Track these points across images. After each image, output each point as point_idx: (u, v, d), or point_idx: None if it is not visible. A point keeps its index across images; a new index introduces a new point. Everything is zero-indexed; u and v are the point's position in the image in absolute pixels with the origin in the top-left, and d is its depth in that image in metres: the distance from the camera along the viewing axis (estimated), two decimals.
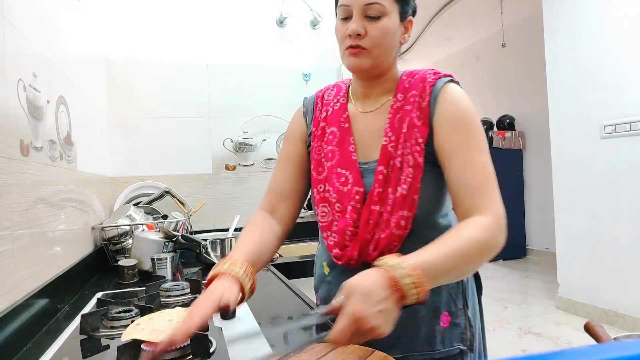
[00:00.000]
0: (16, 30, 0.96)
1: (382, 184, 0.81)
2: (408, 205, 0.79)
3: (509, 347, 2.83)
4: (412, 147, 0.80)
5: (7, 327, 0.79)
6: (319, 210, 0.88)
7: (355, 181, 0.83)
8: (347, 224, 0.82)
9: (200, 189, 2.17)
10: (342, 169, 0.86)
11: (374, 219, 0.80)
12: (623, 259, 3.01)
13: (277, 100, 2.29)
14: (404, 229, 0.79)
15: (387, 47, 0.83)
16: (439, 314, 0.84)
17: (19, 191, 0.92)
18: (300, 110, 0.98)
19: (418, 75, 0.86)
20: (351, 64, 0.84)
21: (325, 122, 0.91)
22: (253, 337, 0.83)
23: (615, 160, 3.03)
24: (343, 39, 0.83)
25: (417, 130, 0.81)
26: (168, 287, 1.10)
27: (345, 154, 0.86)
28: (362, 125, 0.88)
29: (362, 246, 0.81)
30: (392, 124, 0.83)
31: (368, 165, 0.84)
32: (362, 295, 0.59)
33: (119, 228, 1.62)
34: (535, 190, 5.57)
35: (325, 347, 0.67)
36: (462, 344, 0.85)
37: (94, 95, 1.81)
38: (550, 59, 3.50)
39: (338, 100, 0.92)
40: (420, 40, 6.26)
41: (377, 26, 0.80)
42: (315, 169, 0.90)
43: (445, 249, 0.68)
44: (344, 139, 0.88)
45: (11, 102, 0.90)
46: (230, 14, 2.26)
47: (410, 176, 0.79)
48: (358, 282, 0.61)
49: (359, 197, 0.82)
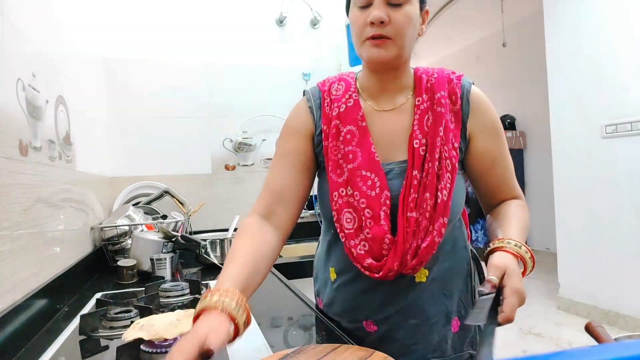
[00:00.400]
0: (15, 30, 0.96)
1: (418, 189, 0.76)
2: (448, 211, 0.77)
3: (509, 347, 2.82)
4: (450, 151, 0.78)
5: (6, 327, 0.79)
6: (343, 217, 0.79)
7: (383, 185, 0.78)
8: (384, 231, 0.76)
9: (199, 189, 2.17)
10: (366, 171, 0.79)
11: (411, 226, 0.75)
12: (624, 259, 3.00)
13: (277, 100, 2.28)
14: (442, 235, 0.77)
15: (410, 37, 0.78)
16: (450, 319, 0.84)
17: (18, 191, 0.92)
18: (304, 104, 0.89)
19: (435, 73, 0.83)
20: (374, 55, 0.76)
21: (338, 120, 0.83)
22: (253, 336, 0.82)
23: (616, 160, 3.03)
24: (362, 28, 0.76)
25: (452, 134, 0.79)
26: (167, 288, 1.10)
27: (368, 155, 0.80)
28: (381, 124, 0.83)
29: (403, 255, 0.76)
30: (421, 125, 0.79)
31: (392, 166, 0.80)
32: (516, 274, 0.68)
33: (118, 228, 1.62)
34: (535, 190, 5.57)
35: (326, 348, 0.67)
36: (472, 348, 0.86)
37: (93, 95, 1.80)
38: (551, 59, 3.50)
39: (350, 96, 0.84)
40: (421, 39, 6.23)
41: (401, 13, 0.74)
42: (333, 170, 0.81)
43: (521, 224, 0.78)
44: (363, 138, 0.81)
45: (10, 102, 0.90)
46: (230, 14, 2.26)
47: (449, 181, 0.77)
48: (507, 263, 0.69)
49: (389, 202, 0.77)
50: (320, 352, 0.66)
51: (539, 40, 3.89)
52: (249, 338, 0.82)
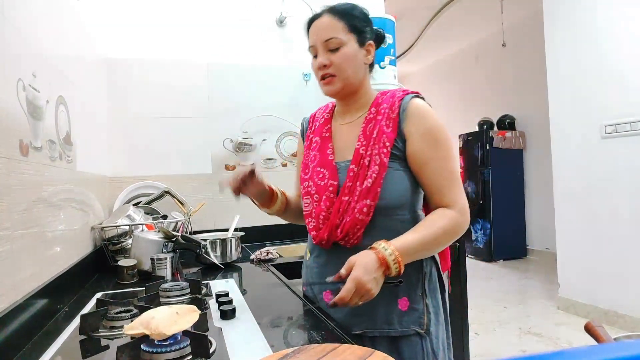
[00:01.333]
0: (16, 30, 0.96)
1: (352, 179, 0.98)
2: (371, 195, 0.95)
3: (509, 347, 2.83)
4: (380, 149, 0.97)
5: (6, 327, 0.79)
6: (304, 202, 1.08)
7: (330, 177, 1.02)
8: (321, 210, 1.01)
9: (200, 189, 2.17)
10: (321, 167, 1.04)
11: (343, 207, 0.98)
12: (623, 259, 3.01)
13: (277, 100, 2.29)
14: (366, 215, 0.95)
15: (352, 70, 1.01)
16: (397, 297, 0.98)
17: (19, 191, 0.92)
18: (299, 129, 1.24)
19: (389, 93, 1.03)
20: (326, 90, 1.04)
21: (312, 134, 1.13)
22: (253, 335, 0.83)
23: (616, 160, 3.03)
24: (317, 73, 1.03)
25: (385, 136, 0.97)
26: (168, 287, 1.10)
27: (324, 156, 1.05)
28: (340, 134, 1.08)
29: (332, 229, 0.99)
30: (364, 132, 1.01)
31: (343, 164, 1.02)
32: (362, 266, 0.84)
33: (119, 228, 1.62)
34: (535, 190, 5.57)
35: (326, 347, 0.67)
36: (418, 327, 0.98)
37: (93, 95, 1.80)
38: (551, 59, 3.50)
39: (323, 115, 1.14)
40: (421, 40, 6.27)
41: (337, 56, 0.99)
42: (303, 170, 1.11)
43: (420, 234, 0.91)
44: (324, 145, 1.08)
45: (11, 102, 0.90)
46: (230, 14, 2.26)
47: (376, 172, 0.95)
48: (358, 258, 0.85)
49: (332, 189, 1.01)
50: (320, 351, 0.66)
51: (538, 40, 3.89)
52: (249, 338, 0.82)
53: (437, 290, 1.04)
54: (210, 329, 0.84)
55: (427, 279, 1.02)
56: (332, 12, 1.01)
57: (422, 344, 0.98)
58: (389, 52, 2.00)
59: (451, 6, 5.17)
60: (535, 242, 5.65)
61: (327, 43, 0.99)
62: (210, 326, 0.86)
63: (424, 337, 0.98)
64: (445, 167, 0.96)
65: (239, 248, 1.68)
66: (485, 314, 3.58)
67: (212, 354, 0.73)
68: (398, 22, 2.13)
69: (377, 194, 0.95)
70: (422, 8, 5.26)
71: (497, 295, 4.09)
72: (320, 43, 1.00)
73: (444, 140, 0.97)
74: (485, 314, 3.58)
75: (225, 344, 0.78)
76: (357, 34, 1.01)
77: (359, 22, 1.02)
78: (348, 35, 0.99)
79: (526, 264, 5.43)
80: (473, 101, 6.66)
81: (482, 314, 3.56)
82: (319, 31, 1.01)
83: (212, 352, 0.74)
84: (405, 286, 0.98)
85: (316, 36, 1.01)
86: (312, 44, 1.02)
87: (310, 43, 1.03)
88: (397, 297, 0.98)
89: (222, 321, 0.91)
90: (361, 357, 0.64)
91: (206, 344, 0.72)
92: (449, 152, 0.98)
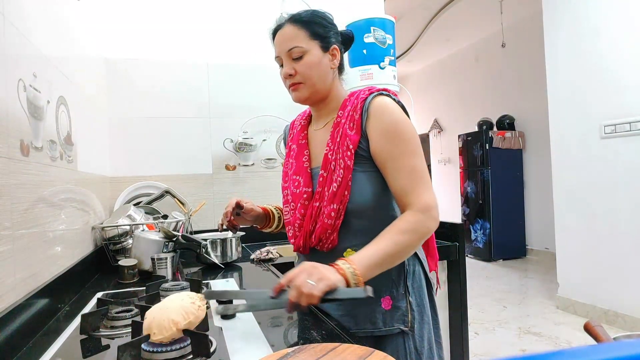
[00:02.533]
0: (16, 30, 0.96)
1: (322, 184, 0.99)
2: (338, 199, 0.95)
3: (508, 347, 2.83)
4: (344, 152, 0.96)
5: (7, 327, 0.79)
6: (284, 210, 1.10)
7: (304, 184, 1.03)
8: (296, 218, 1.03)
9: (200, 189, 2.17)
10: (296, 175, 1.06)
11: (315, 213, 0.99)
12: (623, 258, 3.01)
13: (277, 100, 2.29)
14: (335, 219, 0.96)
15: (318, 76, 1.00)
16: (380, 296, 0.97)
17: (19, 191, 0.92)
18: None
19: (356, 93, 1.01)
20: (294, 97, 1.04)
21: (291, 142, 1.14)
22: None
23: (615, 160, 3.03)
24: (284, 82, 1.04)
25: (349, 139, 0.96)
26: (168, 287, 1.10)
27: (300, 163, 1.06)
28: (315, 140, 1.08)
29: (306, 235, 1.01)
30: (332, 136, 1.00)
31: (316, 170, 1.02)
32: (301, 270, 0.80)
33: (119, 228, 1.62)
34: (535, 190, 5.58)
35: (326, 347, 0.67)
36: (402, 325, 0.98)
37: (94, 95, 1.81)
38: (550, 59, 3.51)
39: (300, 122, 1.15)
40: (420, 40, 6.27)
41: (301, 64, 0.99)
42: (283, 178, 1.13)
43: (379, 245, 0.87)
44: (300, 152, 1.08)
45: (11, 102, 0.90)
46: (230, 14, 2.26)
47: (341, 176, 0.95)
48: (299, 268, 0.82)
49: (306, 195, 1.02)
50: (320, 351, 0.66)
51: (538, 40, 3.90)
52: (249, 337, 0.82)
53: (422, 289, 1.04)
54: (210, 328, 0.85)
55: (411, 277, 1.01)
56: (292, 21, 1.03)
57: (404, 341, 0.98)
58: (388, 52, 2.00)
59: (451, 7, 5.17)
60: (534, 242, 5.66)
61: (290, 52, 1.00)
62: (210, 326, 0.86)
63: (407, 334, 0.98)
64: (407, 164, 0.93)
65: (239, 248, 1.68)
66: (485, 313, 3.59)
67: (213, 353, 0.74)
68: (398, 23, 2.13)
69: (344, 197, 0.95)
70: (421, 8, 5.27)
71: (497, 295, 4.09)
72: (284, 53, 1.01)
73: (404, 135, 0.94)
74: (485, 313, 3.59)
75: (225, 343, 0.78)
76: (320, 40, 1.01)
77: (320, 28, 1.02)
78: (310, 43, 1.00)
79: (526, 263, 5.43)
80: (473, 101, 6.66)
81: (481, 314, 3.56)
82: (282, 41, 1.02)
83: (212, 352, 0.74)
84: (388, 284, 0.99)
85: (280, 47, 1.02)
86: (277, 55, 1.04)
87: (276, 54, 1.04)
88: (380, 296, 0.98)
89: (222, 321, 0.91)
90: (361, 356, 0.65)
91: (206, 343, 0.72)
92: (410, 147, 0.94)
